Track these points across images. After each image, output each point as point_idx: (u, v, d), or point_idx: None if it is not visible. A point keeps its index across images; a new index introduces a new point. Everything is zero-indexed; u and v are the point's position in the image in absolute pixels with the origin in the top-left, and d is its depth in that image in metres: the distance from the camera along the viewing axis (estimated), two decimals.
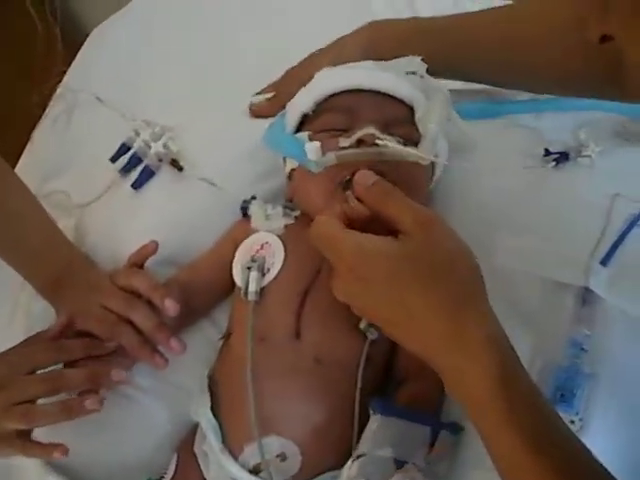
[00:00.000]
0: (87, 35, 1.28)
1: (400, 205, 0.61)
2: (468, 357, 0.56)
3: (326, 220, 0.63)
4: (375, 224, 0.62)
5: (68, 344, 0.76)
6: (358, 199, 0.64)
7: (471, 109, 0.90)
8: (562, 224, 0.81)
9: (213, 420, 0.72)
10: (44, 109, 1.14)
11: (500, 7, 0.87)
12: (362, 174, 0.65)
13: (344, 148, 0.73)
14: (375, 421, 0.67)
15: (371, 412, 0.68)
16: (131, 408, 0.79)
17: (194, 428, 0.76)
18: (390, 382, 0.75)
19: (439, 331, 0.57)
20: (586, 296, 0.75)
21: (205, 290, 0.82)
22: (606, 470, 0.53)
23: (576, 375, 0.70)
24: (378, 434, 0.67)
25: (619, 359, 0.72)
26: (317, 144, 0.71)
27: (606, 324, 0.74)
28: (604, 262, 0.77)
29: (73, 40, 1.35)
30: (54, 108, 1.11)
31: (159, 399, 0.80)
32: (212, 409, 0.73)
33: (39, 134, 1.10)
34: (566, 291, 0.77)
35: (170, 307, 0.75)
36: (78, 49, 1.25)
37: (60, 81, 1.18)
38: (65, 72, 1.20)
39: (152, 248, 0.81)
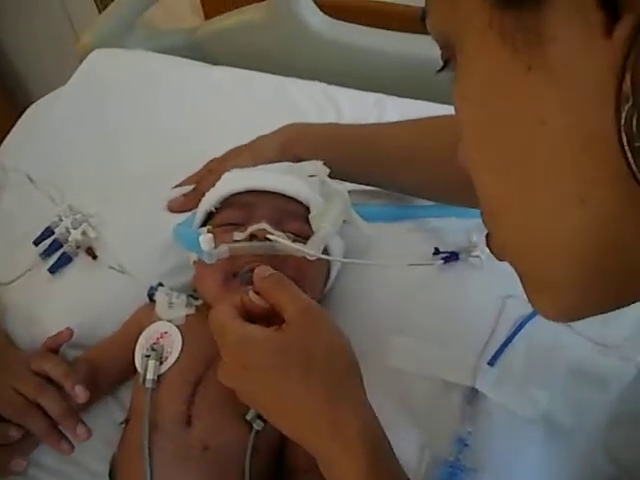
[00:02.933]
0: None
1: (285, 295, 0.65)
2: (340, 446, 0.58)
3: (220, 309, 0.67)
4: (273, 316, 0.66)
5: None
6: (257, 293, 0.68)
7: (377, 212, 0.96)
8: (453, 325, 0.85)
9: None
10: None
11: (411, 121, 0.93)
12: (260, 268, 0.69)
13: (238, 241, 0.78)
14: None
15: None
16: None
17: None
18: (282, 471, 0.77)
19: (315, 420, 0.60)
20: (472, 394, 0.79)
21: (111, 369, 0.84)
22: None
23: (459, 470, 0.73)
24: None
25: (501, 456, 0.76)
26: (210, 236, 0.75)
27: (489, 422, 0.78)
28: (491, 362, 0.80)
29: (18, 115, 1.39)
30: None
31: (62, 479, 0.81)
32: None
33: None
34: (454, 390, 0.80)
35: (80, 394, 0.78)
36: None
37: None
38: None
39: (67, 335, 0.84)
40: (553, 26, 0.32)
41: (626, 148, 0.31)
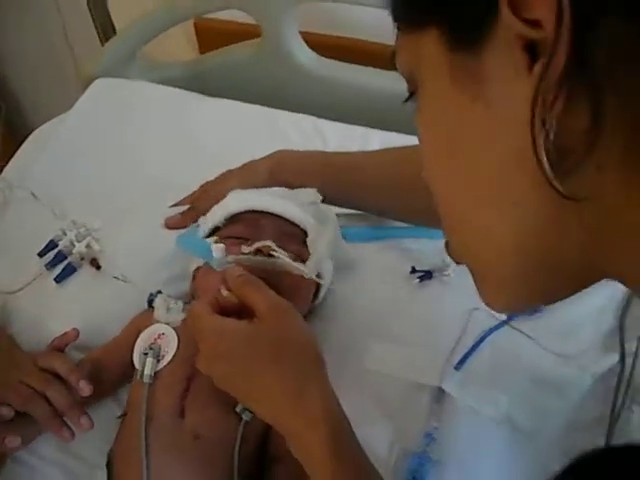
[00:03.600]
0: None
1: (257, 293, 0.74)
2: (304, 425, 0.67)
3: (197, 305, 0.75)
4: (244, 313, 0.74)
5: None
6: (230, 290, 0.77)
7: (358, 232, 1.05)
8: (424, 333, 0.93)
9: None
10: None
11: (389, 149, 1.03)
12: (232, 269, 0.78)
13: (244, 254, 0.86)
14: None
15: None
16: (33, 478, 0.86)
17: None
18: (265, 458, 0.83)
19: (285, 402, 0.68)
20: (439, 395, 0.86)
21: (112, 369, 0.91)
22: None
23: (426, 461, 0.80)
24: None
25: (465, 451, 0.83)
26: (222, 245, 0.84)
27: (455, 419, 0.85)
28: (457, 367, 0.89)
29: (15, 139, 1.45)
30: None
31: (61, 470, 0.86)
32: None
33: None
34: (423, 391, 0.88)
35: (84, 388, 0.84)
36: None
37: None
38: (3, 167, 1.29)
39: (73, 335, 0.91)
40: (490, 67, 0.40)
41: (543, 162, 0.39)
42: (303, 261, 0.88)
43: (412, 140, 1.15)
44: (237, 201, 0.95)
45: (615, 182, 0.38)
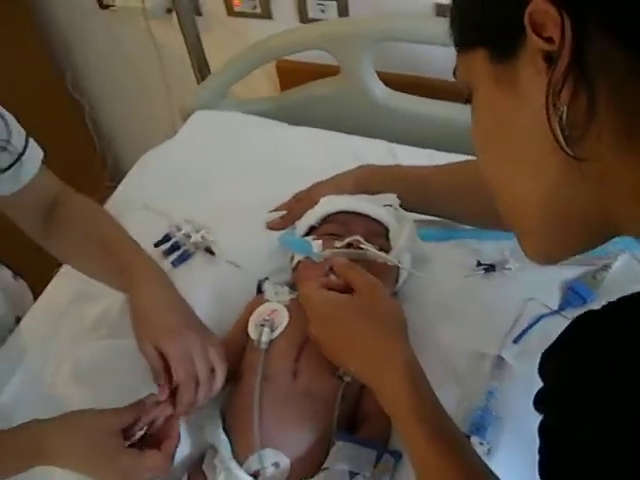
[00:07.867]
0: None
1: (356, 274, 0.94)
2: (390, 372, 0.84)
3: (308, 284, 0.96)
4: (345, 292, 0.94)
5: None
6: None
7: (431, 233, 1.22)
8: (486, 314, 1.09)
9: (225, 438, 0.92)
10: None
11: (457, 162, 1.19)
12: (339, 258, 0.99)
13: (337, 248, 1.04)
14: (337, 446, 0.90)
15: (335, 440, 0.92)
16: None
17: (203, 454, 0.96)
18: (355, 421, 0.98)
19: (375, 353, 0.86)
20: (499, 362, 1.02)
21: (235, 351, 1.02)
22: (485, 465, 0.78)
23: (488, 415, 0.95)
24: (339, 454, 0.89)
25: (520, 409, 0.94)
26: (320, 241, 1.04)
27: (511, 382, 1.00)
28: (515, 341, 1.04)
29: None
30: None
31: (184, 432, 0.97)
32: (224, 430, 0.93)
33: None
34: (485, 359, 1.03)
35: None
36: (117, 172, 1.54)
37: (109, 196, 1.45)
38: (113, 187, 1.49)
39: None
40: (522, 72, 0.55)
41: (558, 135, 0.53)
42: (386, 252, 1.06)
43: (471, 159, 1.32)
44: (330, 204, 1.13)
45: (610, 148, 0.52)
